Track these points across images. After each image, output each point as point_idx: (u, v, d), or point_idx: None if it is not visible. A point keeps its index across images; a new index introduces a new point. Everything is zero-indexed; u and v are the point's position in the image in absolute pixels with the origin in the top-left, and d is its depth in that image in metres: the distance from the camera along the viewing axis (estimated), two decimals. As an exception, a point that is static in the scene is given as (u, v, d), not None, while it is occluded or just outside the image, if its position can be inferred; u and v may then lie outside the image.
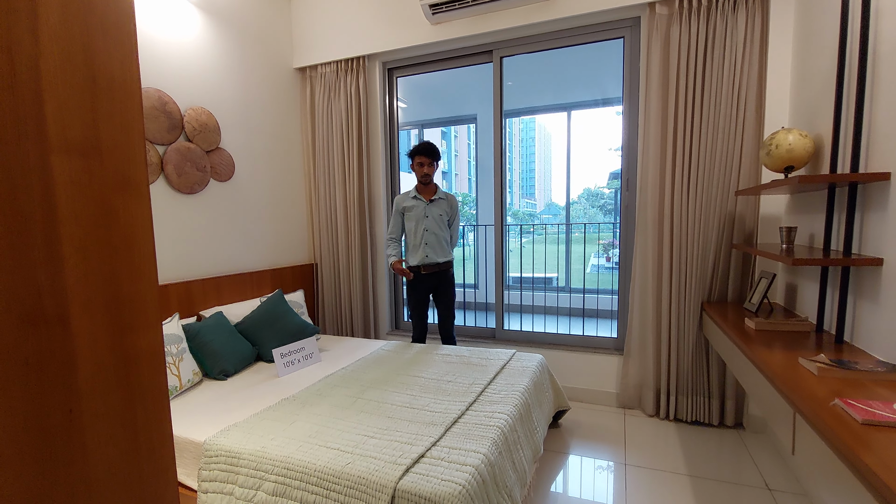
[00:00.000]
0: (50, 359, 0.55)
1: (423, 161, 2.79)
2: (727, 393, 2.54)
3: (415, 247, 2.83)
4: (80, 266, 0.59)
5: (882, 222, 1.47)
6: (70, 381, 0.58)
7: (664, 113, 2.56)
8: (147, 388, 0.69)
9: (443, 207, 2.87)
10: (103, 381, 0.62)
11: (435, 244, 2.82)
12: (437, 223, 2.83)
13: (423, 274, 2.82)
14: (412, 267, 2.84)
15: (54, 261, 0.56)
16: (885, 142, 1.47)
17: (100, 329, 0.62)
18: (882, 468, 0.85)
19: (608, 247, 9.00)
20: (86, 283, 0.60)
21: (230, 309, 2.67)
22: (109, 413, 0.63)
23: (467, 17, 2.94)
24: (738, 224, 2.46)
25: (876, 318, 1.48)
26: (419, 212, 2.81)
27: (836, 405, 1.10)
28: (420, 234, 2.81)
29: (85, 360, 0.60)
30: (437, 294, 2.90)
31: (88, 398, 0.60)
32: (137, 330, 0.67)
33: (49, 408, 0.55)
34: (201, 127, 2.68)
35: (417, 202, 2.83)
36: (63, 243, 0.57)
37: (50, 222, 0.56)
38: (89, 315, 0.60)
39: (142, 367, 0.68)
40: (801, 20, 2.20)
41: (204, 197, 2.72)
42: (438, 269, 2.84)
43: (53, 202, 0.56)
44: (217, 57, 2.82)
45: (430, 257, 2.81)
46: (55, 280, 0.56)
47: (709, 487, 1.99)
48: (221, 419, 1.82)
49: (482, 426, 1.66)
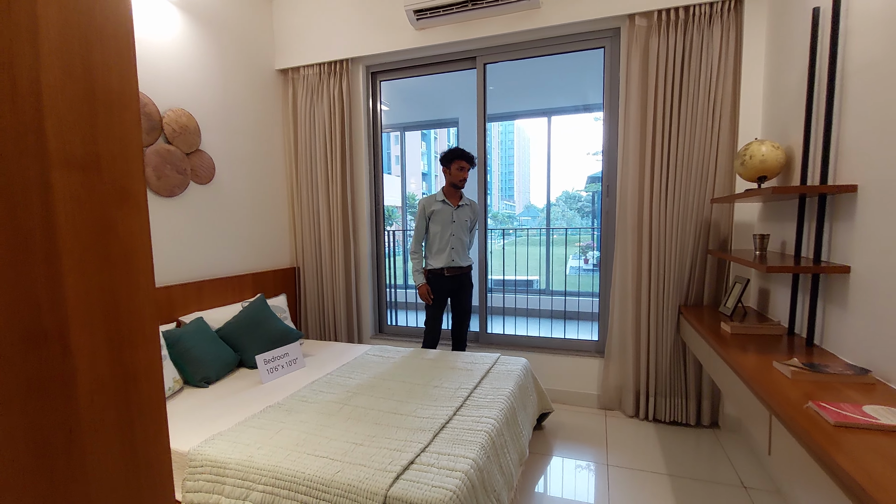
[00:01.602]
0: (50, 377, 0.55)
1: (463, 165, 2.81)
2: (703, 393, 2.62)
3: (440, 250, 2.83)
4: (80, 282, 0.59)
5: (849, 232, 1.55)
6: (70, 399, 0.57)
7: (643, 121, 2.63)
8: (145, 402, 0.68)
9: (468, 213, 2.90)
10: (102, 398, 0.61)
11: (460, 248, 2.86)
12: (462, 228, 2.86)
13: (446, 277, 2.83)
14: (435, 270, 2.83)
15: (54, 277, 0.56)
16: (853, 155, 1.55)
17: (99, 345, 0.61)
18: (854, 468, 0.90)
19: (586, 249, 9.16)
20: (85, 299, 0.60)
21: (211, 314, 2.62)
22: (108, 429, 0.62)
23: (451, 24, 2.96)
24: (714, 230, 2.55)
25: (844, 322, 1.56)
26: (447, 216, 2.82)
27: (809, 408, 1.16)
28: (447, 238, 2.82)
29: (84, 377, 0.59)
30: (457, 297, 2.91)
31: (88, 415, 0.60)
32: (135, 344, 0.67)
33: (49, 427, 0.55)
34: (181, 129, 2.63)
35: (445, 206, 2.83)
36: (63, 259, 0.57)
37: (50, 238, 0.55)
38: (88, 331, 0.60)
39: (140, 382, 0.67)
40: (773, 36, 2.30)
41: (184, 200, 2.67)
42: (461, 272, 2.87)
43: (53, 218, 0.55)
44: (197, 58, 2.76)
45: (456, 261, 2.84)
46: (55, 297, 0.56)
47: (687, 486, 2.06)
48: (205, 428, 1.78)
49: (470, 431, 1.68)
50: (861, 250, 1.49)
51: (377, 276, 3.57)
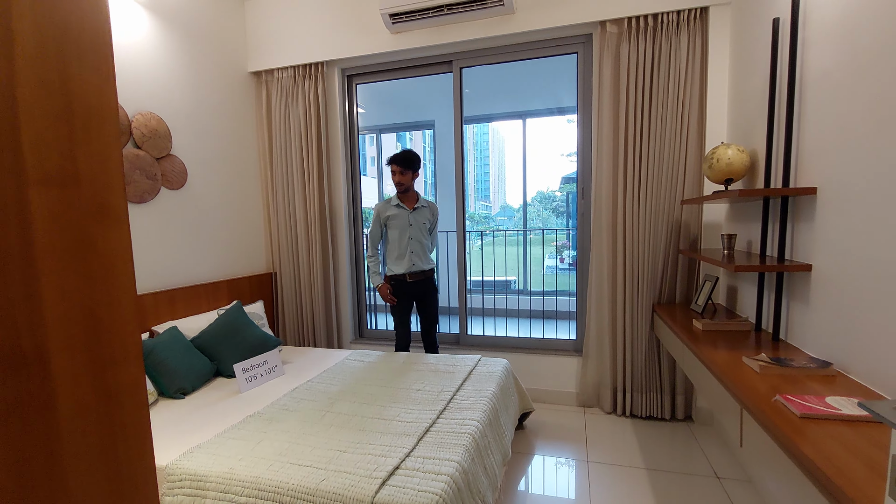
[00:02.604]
0: (29, 401, 0.54)
1: (393, 169, 2.78)
2: (677, 388, 2.71)
3: (400, 256, 2.80)
4: (59, 302, 0.58)
5: (810, 232, 1.64)
6: (51, 423, 0.56)
7: (616, 125, 2.70)
8: (129, 423, 0.67)
9: (425, 215, 2.88)
10: (84, 421, 0.60)
11: (420, 252, 2.84)
12: (420, 231, 2.84)
13: (409, 282, 2.81)
14: (398, 276, 2.81)
15: (32, 298, 0.54)
16: (812, 160, 1.64)
17: (80, 366, 0.60)
18: (819, 457, 0.96)
19: (562, 248, 9.32)
20: (65, 319, 0.58)
21: (185, 323, 2.55)
22: (91, 452, 0.61)
23: (427, 28, 2.97)
24: (684, 230, 2.64)
25: (807, 318, 1.65)
26: (403, 220, 2.79)
27: (777, 401, 1.22)
28: (405, 242, 2.79)
29: (65, 400, 0.58)
30: (422, 301, 2.89)
31: (69, 439, 0.58)
32: (118, 363, 0.66)
33: (29, 453, 0.53)
34: (151, 133, 2.56)
35: (401, 210, 2.80)
36: (41, 279, 0.56)
37: (27, 258, 0.54)
38: (69, 352, 0.59)
39: (123, 402, 0.66)
40: (736, 44, 2.40)
41: (155, 206, 2.59)
42: (424, 276, 2.86)
43: (31, 236, 0.54)
44: (166, 60, 2.69)
45: (417, 265, 2.82)
46: (33, 318, 0.55)
47: (664, 479, 2.12)
48: (183, 441, 1.74)
49: (454, 434, 1.70)
50: (821, 249, 1.57)
51: (356, 279, 3.54)
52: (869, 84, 1.33)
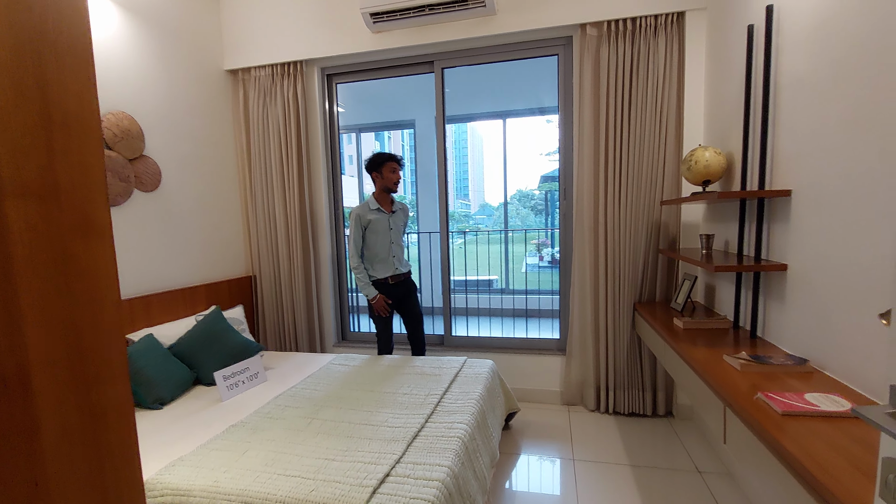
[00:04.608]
0: (11, 426, 0.51)
1: (395, 167, 2.73)
2: (658, 385, 2.77)
3: (383, 260, 2.75)
4: (40, 320, 0.55)
5: (785, 233, 1.69)
6: (34, 448, 0.53)
7: (596, 127, 2.74)
8: (116, 444, 0.64)
9: (402, 218, 2.86)
10: (69, 444, 0.57)
11: (400, 254, 2.82)
12: (399, 234, 2.82)
13: (391, 285, 2.78)
14: (381, 280, 2.76)
15: (12, 316, 0.52)
16: (787, 163, 1.69)
17: (63, 387, 0.57)
18: (802, 453, 0.99)
19: (541, 246, 9.43)
20: (47, 338, 0.56)
21: (162, 330, 2.47)
22: (77, 477, 0.58)
23: (409, 28, 2.95)
24: (664, 230, 2.69)
25: (783, 316, 1.70)
26: (384, 224, 2.74)
27: (759, 399, 1.25)
28: (387, 246, 2.75)
29: (49, 423, 0.55)
30: (405, 302, 2.86)
31: (54, 465, 0.56)
32: (103, 383, 0.63)
33: (12, 481, 0.50)
34: (123, 133, 2.46)
35: (381, 214, 2.74)
36: (21, 297, 0.53)
37: (6, 274, 0.51)
38: (52, 373, 0.56)
39: (109, 423, 0.63)
40: (712, 49, 2.46)
41: (128, 209, 2.50)
42: (404, 277, 2.84)
43: (9, 251, 0.51)
44: (138, 57, 2.60)
45: (399, 268, 2.80)
46: (14, 338, 0.52)
47: (648, 475, 2.17)
48: (163, 453, 1.68)
49: (443, 438, 1.69)
50: (796, 250, 1.62)
51: (338, 280, 3.50)
52: (841, 91, 1.38)
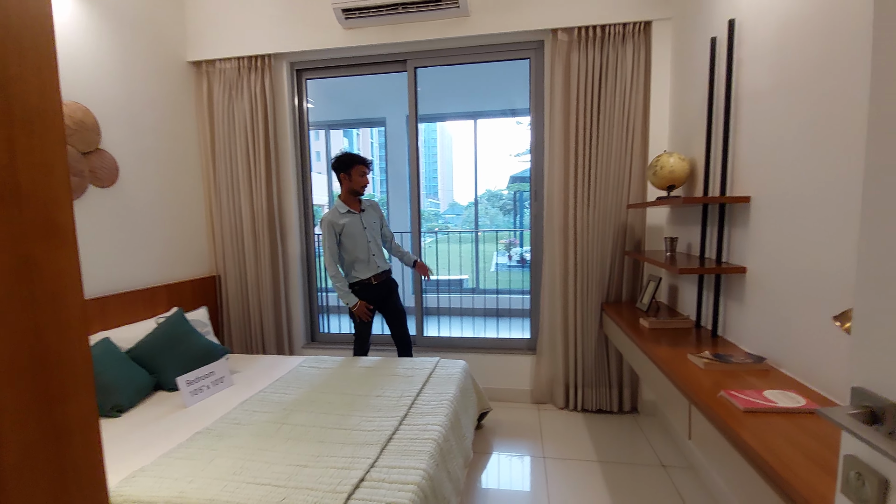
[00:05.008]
0: (-32, 449, 0.47)
1: (364, 171, 2.69)
2: (624, 382, 2.86)
3: (363, 261, 2.70)
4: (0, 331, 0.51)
5: (745, 237, 1.78)
6: (-7, 472, 0.49)
7: (566, 130, 2.79)
8: (81, 461, 0.61)
9: (373, 215, 2.82)
10: (32, 465, 0.54)
11: (378, 252, 2.78)
12: (375, 232, 2.78)
13: (374, 285, 2.74)
14: (364, 281, 2.71)
15: (-31, 329, 0.48)
16: (746, 170, 1.78)
17: (25, 403, 0.54)
18: (763, 449, 1.04)
19: (510, 245, 9.56)
20: (7, 351, 0.52)
21: (119, 333, 2.35)
22: (39, 500, 0.55)
23: (381, 25, 2.92)
24: (630, 233, 2.78)
25: (742, 316, 1.79)
26: (357, 226, 2.69)
27: (721, 396, 1.32)
28: (366, 247, 2.70)
29: (10, 442, 0.52)
30: (388, 300, 2.82)
31: (16, 488, 0.52)
32: (68, 397, 0.59)
33: (-31, 510, 0.47)
34: (76, 125, 2.33)
35: (352, 216, 2.70)
36: (-22, 308, 0.49)
37: (-38, 285, 0.47)
38: (12, 388, 0.52)
39: (74, 439, 0.60)
40: (677, 58, 2.55)
41: (82, 206, 2.37)
42: (386, 276, 2.81)
43: (-35, 260, 0.48)
44: (94, 45, 2.45)
45: (380, 266, 2.76)
46: (-30, 354, 0.48)
47: (615, 471, 2.24)
48: (122, 464, 1.60)
49: (417, 440, 1.68)
50: (755, 253, 1.71)
51: (308, 279, 3.43)
52: (798, 103, 1.47)
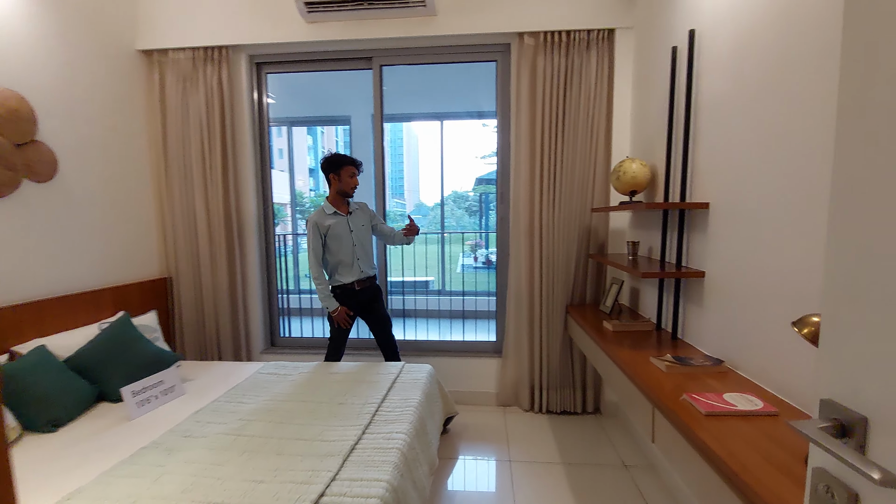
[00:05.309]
0: None
1: (354, 171, 2.62)
2: (587, 383, 2.91)
3: (347, 265, 2.61)
4: None
5: (704, 242, 1.83)
6: None
7: (532, 134, 2.81)
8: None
9: (363, 217, 2.72)
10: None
11: (364, 257, 2.67)
12: (363, 235, 2.68)
13: (357, 290, 2.64)
14: (347, 285, 2.61)
15: None
16: (705, 177, 1.83)
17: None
18: (724, 452, 1.06)
19: (475, 247, 9.62)
20: None
21: (57, 340, 2.17)
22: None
23: (346, 21, 2.85)
24: (594, 236, 2.83)
25: (701, 319, 1.84)
26: (343, 228, 2.60)
27: (684, 400, 1.34)
28: (351, 250, 2.61)
29: None
30: (371, 306, 2.72)
31: None
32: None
33: None
34: (9, 114, 2.13)
35: (339, 217, 2.61)
36: None
37: None
38: None
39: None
40: (639, 66, 2.61)
41: (15, 201, 2.17)
42: (370, 282, 2.72)
43: None
44: (27, 28, 2.26)
45: (365, 271, 2.66)
46: None
47: (579, 472, 2.26)
48: (56, 484, 1.47)
49: (381, 450, 1.63)
50: (713, 258, 1.76)
51: (267, 281, 3.30)
52: (754, 113, 1.52)
